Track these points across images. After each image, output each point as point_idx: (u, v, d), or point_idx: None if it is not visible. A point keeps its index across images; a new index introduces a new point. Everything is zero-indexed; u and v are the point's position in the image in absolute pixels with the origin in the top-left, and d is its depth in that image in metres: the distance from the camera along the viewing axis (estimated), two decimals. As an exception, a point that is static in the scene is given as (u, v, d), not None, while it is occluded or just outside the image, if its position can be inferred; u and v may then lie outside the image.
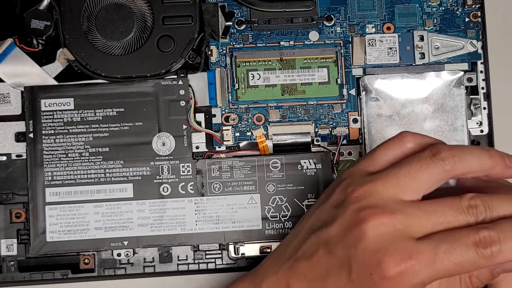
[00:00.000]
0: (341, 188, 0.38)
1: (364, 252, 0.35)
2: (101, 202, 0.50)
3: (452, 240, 0.34)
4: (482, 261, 0.34)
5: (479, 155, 0.37)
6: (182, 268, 0.51)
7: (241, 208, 0.50)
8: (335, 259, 0.36)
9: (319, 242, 0.37)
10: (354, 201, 0.37)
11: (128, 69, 0.50)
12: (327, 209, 0.38)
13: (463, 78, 0.51)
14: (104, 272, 0.50)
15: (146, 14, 0.51)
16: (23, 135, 0.50)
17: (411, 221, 0.35)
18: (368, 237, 0.35)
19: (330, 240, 0.37)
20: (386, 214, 0.35)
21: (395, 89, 0.51)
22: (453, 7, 0.52)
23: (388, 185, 0.37)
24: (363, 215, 0.36)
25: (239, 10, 0.52)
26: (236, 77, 0.51)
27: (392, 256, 0.34)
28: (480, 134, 0.52)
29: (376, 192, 0.37)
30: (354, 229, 0.36)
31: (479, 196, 0.36)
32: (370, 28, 0.52)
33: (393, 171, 0.37)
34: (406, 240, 0.35)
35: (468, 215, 0.35)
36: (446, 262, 0.34)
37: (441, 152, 0.36)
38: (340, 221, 0.37)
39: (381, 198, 0.36)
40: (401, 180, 0.37)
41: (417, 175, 0.36)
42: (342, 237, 0.36)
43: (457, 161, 0.36)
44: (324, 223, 0.38)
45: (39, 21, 0.50)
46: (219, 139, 0.51)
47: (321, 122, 0.51)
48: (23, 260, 0.50)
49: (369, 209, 0.36)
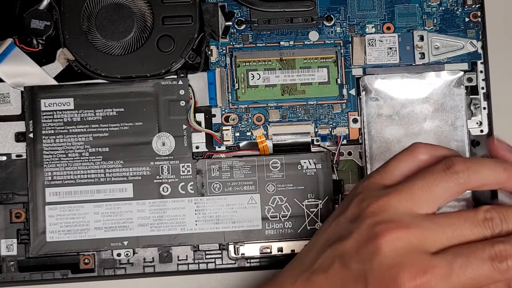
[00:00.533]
0: (356, 202, 0.39)
1: (380, 266, 0.35)
2: (101, 202, 0.50)
3: (468, 254, 0.35)
4: (498, 275, 0.34)
5: (494, 168, 0.37)
6: (182, 268, 0.51)
7: (241, 208, 0.50)
8: (350, 273, 0.36)
9: (335, 256, 0.37)
10: (369, 216, 0.37)
11: (128, 69, 0.50)
12: (342, 223, 0.39)
13: (463, 78, 0.51)
14: (104, 272, 0.50)
15: (146, 14, 0.51)
16: (23, 135, 0.50)
17: (426, 235, 0.35)
18: (384, 252, 0.35)
19: (346, 254, 0.37)
20: (401, 228, 0.35)
21: (395, 89, 0.51)
22: (453, 7, 0.52)
23: (402, 199, 0.37)
24: (379, 230, 0.36)
25: (239, 10, 0.52)
26: (236, 77, 0.51)
27: (408, 271, 0.34)
28: (480, 134, 0.52)
29: (391, 206, 0.37)
30: (370, 244, 0.36)
31: (494, 208, 0.36)
32: (370, 28, 0.52)
33: (407, 184, 0.37)
34: (422, 254, 0.35)
35: (484, 228, 0.36)
36: (462, 276, 0.34)
37: (455, 165, 0.37)
38: (355, 236, 0.37)
39: (396, 212, 0.36)
40: (416, 193, 0.37)
41: (432, 189, 0.37)
42: (358, 251, 0.36)
43: (472, 174, 0.36)
44: (340, 237, 0.38)
45: (39, 21, 0.50)
46: (219, 139, 0.51)
47: (321, 122, 0.51)
48: (23, 260, 0.50)
49: (384, 223, 0.36)
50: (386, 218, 0.36)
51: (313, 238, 0.41)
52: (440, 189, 0.37)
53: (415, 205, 0.37)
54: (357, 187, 0.40)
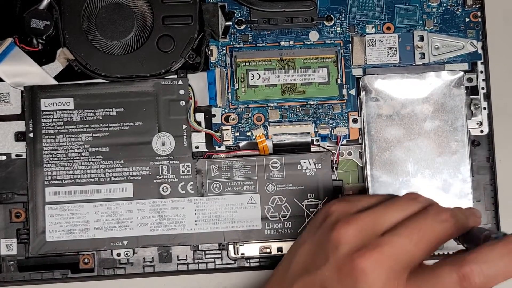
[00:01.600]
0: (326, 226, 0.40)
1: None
2: (101, 202, 0.50)
3: (437, 282, 0.36)
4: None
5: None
6: (182, 268, 0.51)
7: (241, 208, 0.50)
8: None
9: (314, 284, 0.38)
10: (343, 242, 0.38)
11: (128, 69, 0.50)
12: (315, 249, 0.40)
13: (463, 78, 0.51)
14: (103, 272, 0.50)
15: (146, 14, 0.51)
16: (23, 134, 0.50)
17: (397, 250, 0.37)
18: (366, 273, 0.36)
19: (325, 282, 0.37)
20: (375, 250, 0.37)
21: (395, 89, 0.51)
22: (453, 7, 0.52)
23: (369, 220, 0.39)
24: (356, 256, 0.37)
25: (239, 10, 0.52)
26: (236, 77, 0.51)
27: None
28: (480, 134, 0.52)
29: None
30: (350, 270, 0.37)
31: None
32: (370, 28, 0.52)
33: (376, 209, 0.40)
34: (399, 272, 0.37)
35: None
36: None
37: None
38: (333, 262, 0.38)
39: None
40: (380, 216, 0.39)
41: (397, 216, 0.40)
42: (338, 278, 0.37)
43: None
44: (315, 264, 0.39)
45: (39, 20, 0.50)
46: (219, 139, 0.51)
47: (321, 122, 0.51)
48: (23, 260, 0.50)
49: (361, 249, 0.37)
50: (359, 242, 0.38)
51: (282, 265, 0.41)
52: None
53: (379, 225, 0.38)
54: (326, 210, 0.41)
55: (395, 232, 0.38)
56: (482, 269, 0.35)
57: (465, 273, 0.35)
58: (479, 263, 0.35)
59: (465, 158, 0.50)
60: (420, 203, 0.40)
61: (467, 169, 0.50)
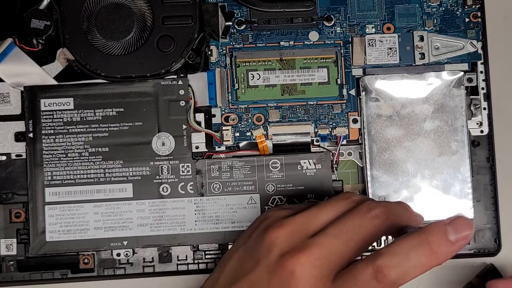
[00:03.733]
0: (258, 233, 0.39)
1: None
2: (101, 202, 0.50)
3: (354, 277, 0.36)
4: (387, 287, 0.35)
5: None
6: (182, 268, 0.51)
7: (241, 208, 0.50)
8: None
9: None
10: (274, 245, 0.37)
11: (128, 69, 0.50)
12: (246, 254, 0.39)
13: (463, 79, 0.51)
14: (103, 272, 0.50)
15: (146, 14, 0.51)
16: (23, 134, 0.50)
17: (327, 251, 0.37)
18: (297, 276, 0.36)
19: (256, 286, 0.37)
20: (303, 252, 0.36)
21: (395, 89, 0.51)
22: (453, 7, 0.52)
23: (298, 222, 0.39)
24: (286, 258, 0.36)
25: (239, 10, 0.52)
26: (236, 77, 0.51)
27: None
28: (480, 134, 0.52)
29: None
30: (280, 272, 0.36)
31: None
32: (370, 28, 0.52)
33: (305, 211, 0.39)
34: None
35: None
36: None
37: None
38: (264, 265, 0.37)
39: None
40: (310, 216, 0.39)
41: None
42: (269, 282, 0.36)
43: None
44: (246, 269, 0.38)
45: (39, 20, 0.50)
46: (218, 139, 0.51)
47: (321, 122, 0.51)
48: (23, 260, 0.50)
49: (290, 251, 0.37)
50: (290, 244, 0.37)
51: (214, 273, 0.41)
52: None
53: (310, 226, 0.38)
54: (260, 217, 0.41)
55: (324, 232, 0.37)
56: (395, 261, 0.35)
57: (379, 266, 0.35)
58: (392, 255, 0.35)
59: (465, 158, 0.50)
60: (353, 202, 0.40)
61: (467, 169, 0.50)
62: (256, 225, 0.40)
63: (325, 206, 0.39)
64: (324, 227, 0.38)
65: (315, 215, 0.39)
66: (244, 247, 0.39)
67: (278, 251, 0.37)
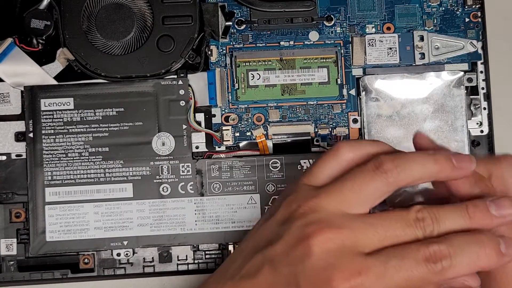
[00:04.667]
0: (286, 204, 0.37)
1: (312, 269, 0.34)
2: (101, 202, 0.50)
3: (402, 255, 0.34)
4: (432, 276, 0.34)
5: (424, 161, 0.36)
6: (182, 268, 0.51)
7: (241, 208, 0.50)
8: (281, 277, 0.35)
9: (264, 260, 0.36)
10: (300, 217, 0.36)
11: (128, 69, 0.50)
12: (272, 227, 0.37)
13: (463, 78, 0.51)
14: (103, 272, 0.50)
15: (146, 14, 0.51)
16: (23, 134, 0.50)
17: (358, 236, 0.35)
18: (316, 254, 0.34)
19: (276, 258, 0.35)
20: (333, 229, 0.34)
21: (395, 89, 0.51)
22: (453, 7, 0.52)
23: (333, 199, 0.36)
24: (309, 231, 0.35)
25: (239, 10, 0.52)
26: (236, 77, 0.51)
27: (341, 272, 0.33)
28: (480, 134, 0.52)
29: (321, 208, 0.36)
30: (300, 246, 0.35)
31: (426, 209, 0.35)
32: (370, 28, 0.52)
33: (337, 185, 0.36)
34: (355, 255, 0.34)
35: (416, 228, 0.35)
36: (396, 277, 0.33)
37: (383, 164, 0.36)
38: (286, 238, 0.35)
39: (327, 213, 0.35)
40: (346, 194, 0.36)
41: (362, 189, 0.36)
42: (288, 254, 0.35)
43: (401, 171, 0.36)
44: (269, 240, 0.36)
45: (39, 20, 0.50)
46: (219, 139, 0.51)
47: (321, 122, 0.51)
48: (23, 260, 0.50)
49: (315, 224, 0.35)
50: (317, 219, 0.35)
51: (241, 243, 0.39)
52: (370, 189, 0.36)
53: (346, 206, 0.36)
54: (286, 190, 0.39)
55: (360, 218, 0.36)
56: (450, 252, 0.34)
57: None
58: (449, 246, 0.34)
59: (465, 158, 0.50)
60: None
61: (467, 169, 0.50)
62: (280, 200, 0.38)
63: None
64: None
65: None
66: (268, 222, 0.38)
67: (301, 222, 0.35)
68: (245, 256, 0.38)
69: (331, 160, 0.38)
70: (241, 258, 0.38)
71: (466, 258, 0.34)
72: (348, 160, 0.38)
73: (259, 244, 0.37)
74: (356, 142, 0.39)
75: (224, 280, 0.38)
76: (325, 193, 0.36)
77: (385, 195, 0.36)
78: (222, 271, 0.39)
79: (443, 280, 0.34)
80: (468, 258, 0.34)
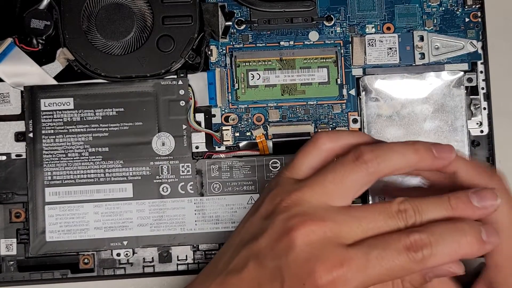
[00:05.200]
0: (269, 198, 0.38)
1: (295, 261, 0.34)
2: (101, 202, 0.50)
3: (383, 245, 0.34)
4: (414, 265, 0.34)
5: (403, 151, 0.36)
6: (182, 268, 0.51)
7: (241, 208, 0.50)
8: (266, 271, 0.35)
9: (250, 255, 0.36)
10: (283, 211, 0.36)
11: (128, 69, 0.50)
12: (256, 221, 0.38)
13: (463, 78, 0.51)
14: (103, 272, 0.50)
15: (146, 14, 0.51)
16: (23, 134, 0.50)
17: (340, 228, 0.35)
18: (299, 246, 0.34)
19: (261, 252, 0.36)
20: (315, 221, 0.35)
21: (395, 89, 0.51)
22: (453, 7, 0.52)
23: (315, 192, 0.36)
24: (292, 224, 0.35)
25: (239, 10, 0.52)
26: (236, 77, 0.51)
27: (324, 264, 0.34)
28: (480, 134, 0.52)
29: (304, 200, 0.36)
30: (284, 239, 0.35)
31: (408, 200, 0.35)
32: (370, 28, 0.52)
33: (319, 178, 0.37)
34: (337, 247, 0.34)
35: (398, 220, 0.35)
36: (378, 267, 0.34)
37: (363, 155, 0.36)
38: (269, 232, 0.36)
39: (310, 206, 0.36)
40: (328, 186, 0.36)
41: (343, 181, 0.36)
42: (272, 247, 0.35)
43: (381, 162, 0.36)
44: (254, 235, 0.37)
45: (39, 20, 0.50)
46: (218, 139, 0.51)
47: (321, 122, 0.51)
48: (23, 260, 0.50)
49: (297, 217, 0.35)
50: (300, 212, 0.35)
51: (229, 239, 0.40)
52: (351, 180, 0.36)
53: (329, 198, 0.36)
54: (270, 184, 0.39)
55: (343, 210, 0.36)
56: (430, 240, 0.34)
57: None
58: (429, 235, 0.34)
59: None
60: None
61: (467, 169, 0.50)
62: (264, 195, 0.39)
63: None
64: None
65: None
66: (253, 217, 0.38)
67: (284, 215, 0.36)
68: (232, 251, 0.38)
69: (311, 150, 0.38)
70: (229, 253, 0.38)
71: (447, 247, 0.34)
72: (327, 150, 0.38)
73: (244, 238, 0.38)
74: (335, 132, 0.39)
75: (214, 275, 0.38)
76: (307, 186, 0.37)
77: (367, 186, 0.37)
78: (212, 267, 0.39)
79: (425, 268, 0.34)
80: (449, 246, 0.34)
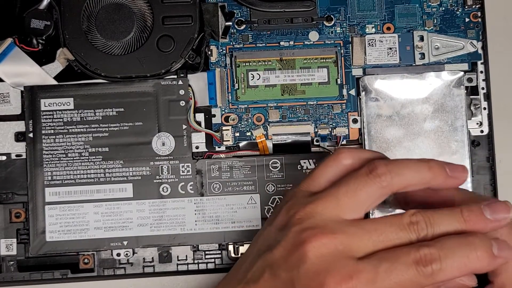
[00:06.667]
0: (285, 210, 0.38)
1: (307, 273, 0.35)
2: (101, 202, 0.50)
3: (393, 258, 0.34)
4: (423, 279, 0.34)
5: (417, 168, 0.37)
6: (182, 268, 0.51)
7: (241, 208, 0.50)
8: (279, 282, 0.36)
9: (265, 265, 0.37)
10: (296, 223, 0.36)
11: (128, 69, 0.50)
12: (272, 232, 0.38)
13: (463, 78, 0.51)
14: (103, 272, 0.50)
15: (146, 14, 0.51)
16: (23, 134, 0.50)
17: (352, 241, 0.35)
18: (310, 259, 0.35)
19: (275, 263, 0.36)
20: (326, 234, 0.35)
21: (395, 89, 0.51)
22: (453, 7, 0.52)
23: (328, 205, 0.36)
24: (304, 237, 0.35)
25: (239, 10, 0.52)
26: (236, 77, 0.51)
27: (333, 277, 0.34)
28: (480, 134, 0.52)
29: (317, 213, 0.36)
30: (296, 251, 0.35)
31: (420, 212, 0.35)
32: (370, 28, 0.52)
33: (332, 191, 0.37)
34: (347, 260, 0.35)
35: (409, 232, 0.35)
36: (387, 281, 0.34)
37: (377, 169, 0.36)
38: (283, 244, 0.36)
39: (322, 218, 0.36)
40: (341, 199, 0.36)
41: (356, 194, 0.36)
42: (286, 259, 0.36)
43: (394, 176, 0.36)
44: (269, 246, 0.37)
45: (39, 20, 0.50)
46: (218, 139, 0.51)
47: (321, 122, 0.51)
48: (23, 260, 0.50)
49: (309, 230, 0.36)
50: (312, 224, 0.36)
51: (248, 247, 0.41)
52: (364, 193, 0.36)
53: (341, 211, 0.36)
54: (286, 195, 0.40)
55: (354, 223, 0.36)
56: (440, 255, 0.34)
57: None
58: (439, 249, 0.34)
59: (465, 158, 0.50)
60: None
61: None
62: (280, 206, 0.39)
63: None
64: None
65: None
66: (269, 228, 0.39)
67: (298, 228, 0.36)
68: (250, 260, 0.39)
69: (332, 165, 0.39)
70: (247, 263, 0.39)
71: (456, 261, 0.34)
72: (346, 165, 0.39)
73: (261, 249, 0.38)
74: (357, 150, 0.40)
75: (234, 284, 0.39)
76: (321, 199, 0.37)
77: (379, 200, 0.37)
78: (230, 277, 0.40)
79: (435, 283, 0.34)
80: (458, 261, 0.34)
